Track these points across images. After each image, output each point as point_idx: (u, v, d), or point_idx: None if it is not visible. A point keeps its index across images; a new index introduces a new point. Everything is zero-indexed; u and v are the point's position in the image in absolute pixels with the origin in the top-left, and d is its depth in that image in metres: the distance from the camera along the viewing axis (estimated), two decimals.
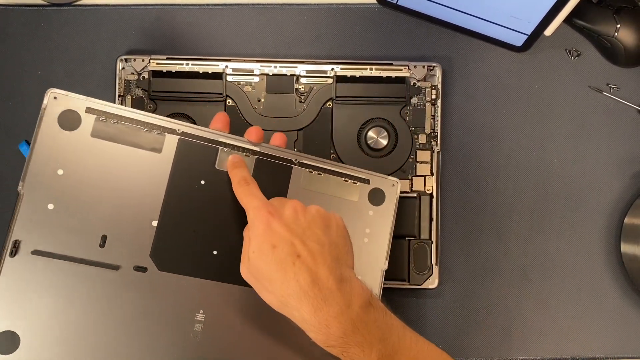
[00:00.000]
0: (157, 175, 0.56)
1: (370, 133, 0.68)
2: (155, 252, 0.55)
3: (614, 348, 0.69)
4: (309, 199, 0.58)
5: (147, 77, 0.67)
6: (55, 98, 0.54)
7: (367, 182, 0.62)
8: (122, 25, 0.69)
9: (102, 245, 0.54)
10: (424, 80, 0.68)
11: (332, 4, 0.70)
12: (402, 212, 0.66)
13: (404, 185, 0.68)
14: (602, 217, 0.70)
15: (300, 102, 0.68)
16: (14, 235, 0.52)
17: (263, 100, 0.68)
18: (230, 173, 0.57)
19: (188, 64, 0.67)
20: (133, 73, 0.67)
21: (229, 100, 0.67)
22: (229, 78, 0.67)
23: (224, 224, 0.57)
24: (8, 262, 0.52)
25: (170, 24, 0.69)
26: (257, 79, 0.68)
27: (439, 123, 0.68)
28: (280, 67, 0.67)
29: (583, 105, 0.70)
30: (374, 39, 0.70)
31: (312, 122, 0.68)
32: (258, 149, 0.58)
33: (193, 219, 0.56)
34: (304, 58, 0.68)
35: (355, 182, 0.61)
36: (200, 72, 0.67)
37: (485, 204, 0.69)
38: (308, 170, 0.60)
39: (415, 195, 0.67)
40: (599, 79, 0.70)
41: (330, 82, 0.68)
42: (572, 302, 0.69)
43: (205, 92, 0.67)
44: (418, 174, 0.68)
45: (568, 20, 0.68)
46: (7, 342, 0.51)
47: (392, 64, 0.68)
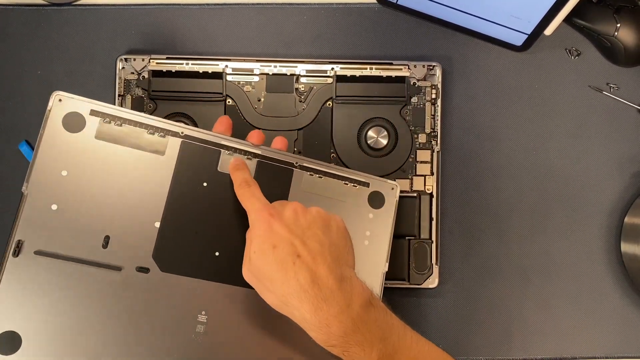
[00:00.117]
0: (159, 177, 0.56)
1: (370, 132, 0.68)
2: (158, 253, 0.55)
3: (614, 348, 0.69)
4: (310, 202, 0.58)
5: (147, 76, 0.67)
6: (60, 100, 0.54)
7: (366, 185, 0.62)
8: (122, 25, 0.69)
9: (104, 246, 0.54)
10: (424, 80, 0.68)
11: (332, 4, 0.70)
12: (402, 211, 0.66)
13: (404, 185, 0.68)
14: (602, 216, 0.70)
15: (300, 101, 0.68)
16: (17, 235, 0.52)
17: (263, 100, 0.68)
18: (232, 175, 0.57)
19: (188, 64, 0.67)
20: (133, 73, 0.67)
21: (229, 100, 0.67)
22: (229, 78, 0.67)
23: (226, 226, 0.57)
24: (11, 261, 0.52)
25: (170, 24, 0.69)
26: (257, 79, 0.68)
27: (439, 122, 0.68)
28: (280, 66, 0.67)
29: (583, 105, 0.70)
30: (374, 39, 0.70)
31: (312, 121, 0.68)
32: (259, 152, 0.59)
33: (195, 221, 0.56)
34: (304, 57, 0.68)
35: (355, 185, 0.61)
36: (200, 71, 0.67)
37: (486, 204, 0.69)
38: (309, 174, 0.60)
39: (415, 195, 0.67)
40: (599, 79, 0.70)
41: (330, 81, 0.68)
42: (572, 301, 0.69)
43: (205, 91, 0.67)
44: (418, 174, 0.68)
45: (568, 20, 0.68)
46: (8, 342, 0.51)
47: (392, 64, 0.68)
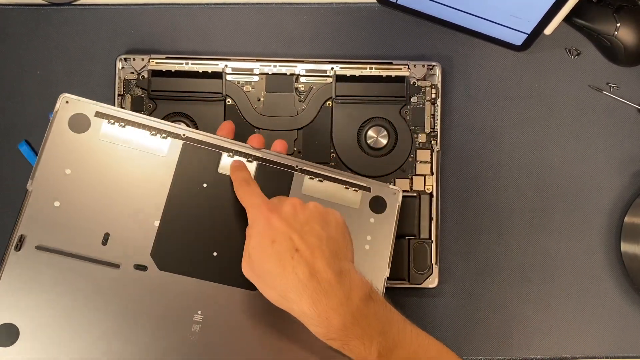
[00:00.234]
0: (160, 177, 0.57)
1: (370, 132, 0.68)
2: (156, 251, 0.56)
3: (614, 347, 0.69)
4: None
5: (146, 76, 0.67)
6: (67, 102, 0.56)
7: (368, 189, 0.62)
8: (121, 25, 0.69)
9: (104, 243, 0.55)
10: (424, 80, 0.68)
11: (331, 3, 0.70)
12: (402, 211, 0.65)
13: (404, 185, 0.68)
14: (602, 216, 0.70)
15: (300, 101, 0.68)
16: (20, 230, 0.54)
17: (263, 100, 0.68)
18: (232, 175, 0.58)
19: (187, 63, 0.67)
20: (132, 72, 0.67)
21: (229, 100, 0.67)
22: (229, 77, 0.67)
23: (225, 227, 0.57)
24: (12, 255, 0.53)
25: (170, 23, 0.69)
26: (256, 78, 0.68)
27: (439, 122, 0.68)
28: (280, 66, 0.67)
29: (583, 104, 0.70)
30: (374, 38, 0.70)
31: (311, 121, 0.68)
32: (260, 155, 0.59)
33: (194, 221, 0.57)
34: (304, 57, 0.68)
35: (356, 189, 0.62)
36: (200, 71, 0.67)
37: (485, 203, 0.69)
38: (309, 177, 0.60)
39: (415, 195, 0.67)
40: (599, 78, 0.70)
41: (330, 81, 0.68)
42: (572, 301, 0.69)
43: (205, 91, 0.67)
44: (418, 173, 0.68)
45: (568, 19, 0.68)
46: (6, 334, 0.52)
47: (391, 63, 0.68)
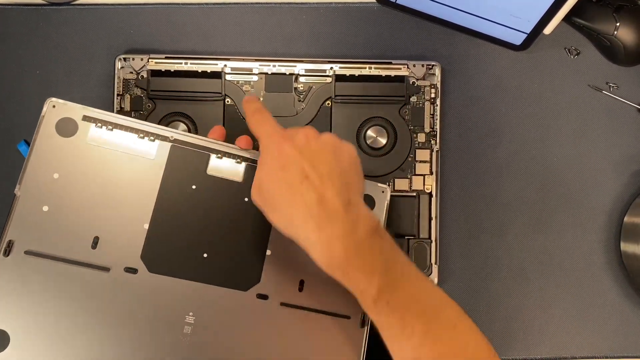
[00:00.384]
0: (149, 180, 0.57)
1: (370, 132, 0.68)
2: (146, 254, 0.56)
3: (614, 347, 0.69)
4: None
5: (145, 76, 0.67)
6: (54, 106, 0.56)
7: None
8: (120, 24, 0.69)
9: (93, 247, 0.55)
10: (423, 79, 0.68)
11: (331, 3, 0.70)
12: (401, 211, 0.66)
13: (403, 184, 0.67)
14: (601, 215, 0.70)
15: (300, 101, 0.68)
16: (9, 236, 0.53)
17: (262, 100, 0.68)
18: (245, 107, 0.58)
19: (187, 63, 0.67)
20: (132, 72, 0.67)
21: (228, 100, 0.67)
22: (228, 77, 0.67)
23: (215, 228, 0.58)
24: (1, 261, 0.53)
25: (169, 23, 0.69)
26: (256, 78, 0.68)
27: (438, 122, 0.68)
28: (279, 66, 0.67)
29: (583, 104, 0.70)
30: (373, 38, 0.70)
31: (311, 121, 0.68)
32: (248, 156, 0.59)
33: (184, 223, 0.57)
34: (303, 57, 0.68)
35: None
36: (199, 71, 0.67)
37: (485, 203, 0.69)
38: None
39: (415, 195, 0.67)
40: (599, 78, 0.70)
41: (329, 81, 0.68)
42: (572, 301, 0.69)
43: (204, 91, 0.67)
44: (417, 173, 0.68)
45: (567, 19, 0.68)
46: None
47: (391, 63, 0.68)
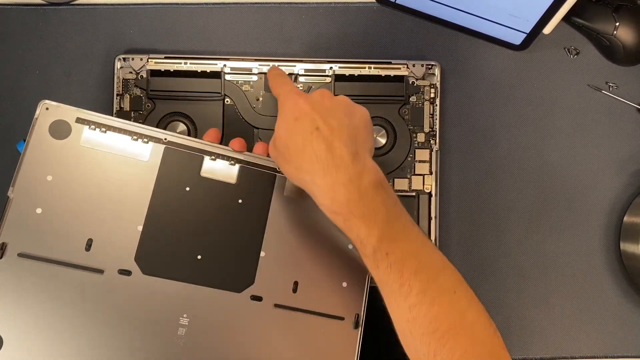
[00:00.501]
0: (143, 182, 0.57)
1: None
2: (140, 256, 0.56)
3: (613, 347, 0.69)
4: (293, 207, 0.59)
5: (145, 76, 0.67)
6: (47, 109, 0.56)
7: None
8: (120, 24, 0.69)
9: (87, 249, 0.55)
10: (423, 79, 0.68)
11: (330, 3, 0.70)
12: None
13: (403, 184, 0.67)
14: (601, 215, 0.70)
15: None
16: (2, 238, 0.53)
17: (261, 99, 0.68)
18: (268, 73, 0.60)
19: (186, 63, 0.67)
20: (131, 72, 0.67)
21: (227, 99, 0.67)
22: (228, 77, 0.67)
23: (208, 229, 0.58)
24: None
25: (169, 23, 0.69)
26: (255, 78, 0.68)
27: (438, 122, 0.68)
28: (279, 65, 0.67)
29: (582, 104, 0.70)
30: (373, 38, 0.70)
31: None
32: (242, 158, 0.59)
33: (177, 224, 0.57)
34: (303, 57, 0.68)
35: None
36: (199, 71, 0.67)
37: (485, 203, 0.69)
38: None
39: (414, 194, 0.67)
40: (598, 78, 0.70)
41: (329, 80, 0.68)
42: (571, 301, 0.69)
43: (204, 91, 0.67)
44: (417, 173, 0.68)
45: (567, 19, 0.68)
46: None
47: (390, 63, 0.68)
